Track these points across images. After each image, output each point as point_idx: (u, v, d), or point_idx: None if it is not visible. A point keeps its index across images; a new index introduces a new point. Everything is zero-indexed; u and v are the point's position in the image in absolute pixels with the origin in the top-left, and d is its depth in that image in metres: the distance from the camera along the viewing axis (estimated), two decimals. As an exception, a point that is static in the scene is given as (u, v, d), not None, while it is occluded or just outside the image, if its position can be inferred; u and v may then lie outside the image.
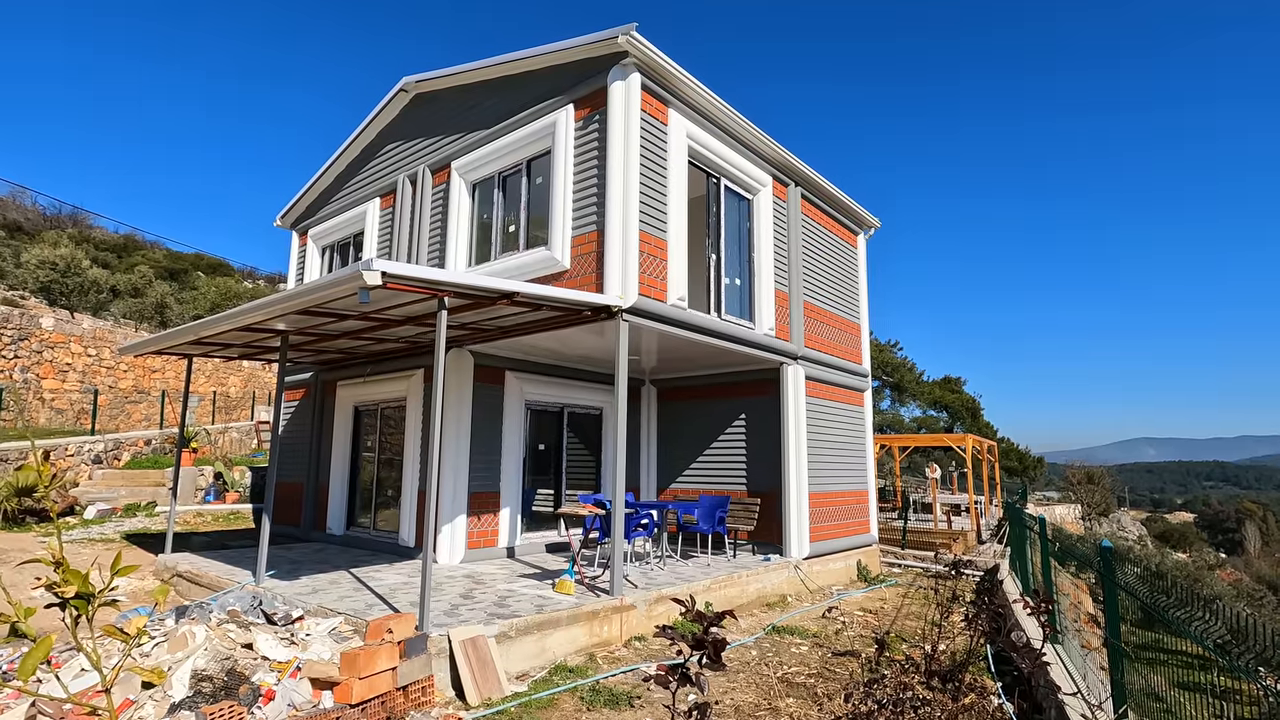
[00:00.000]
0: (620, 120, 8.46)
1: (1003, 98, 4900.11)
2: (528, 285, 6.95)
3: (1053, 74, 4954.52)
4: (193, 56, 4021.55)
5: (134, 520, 14.73)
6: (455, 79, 10.93)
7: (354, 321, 7.88)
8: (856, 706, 5.88)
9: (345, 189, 13.23)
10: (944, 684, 6.72)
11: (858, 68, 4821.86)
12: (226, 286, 35.38)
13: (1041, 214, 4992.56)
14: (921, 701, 6.11)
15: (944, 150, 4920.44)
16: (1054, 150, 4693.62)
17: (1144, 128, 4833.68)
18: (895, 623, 9.22)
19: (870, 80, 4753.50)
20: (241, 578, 8.55)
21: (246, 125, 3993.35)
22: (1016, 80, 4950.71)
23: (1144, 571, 5.40)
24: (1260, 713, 3.08)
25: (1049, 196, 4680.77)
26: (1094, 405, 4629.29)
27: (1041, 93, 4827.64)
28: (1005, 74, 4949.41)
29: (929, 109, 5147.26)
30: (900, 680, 6.46)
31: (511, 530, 10.47)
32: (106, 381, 22.73)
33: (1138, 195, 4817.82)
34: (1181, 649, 3.98)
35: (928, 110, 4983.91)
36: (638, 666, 6.59)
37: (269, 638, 5.37)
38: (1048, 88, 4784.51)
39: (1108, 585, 4.85)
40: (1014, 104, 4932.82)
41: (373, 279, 5.54)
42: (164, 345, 9.27)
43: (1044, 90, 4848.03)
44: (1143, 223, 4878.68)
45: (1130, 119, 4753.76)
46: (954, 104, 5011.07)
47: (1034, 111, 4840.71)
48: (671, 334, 8.90)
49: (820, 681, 6.49)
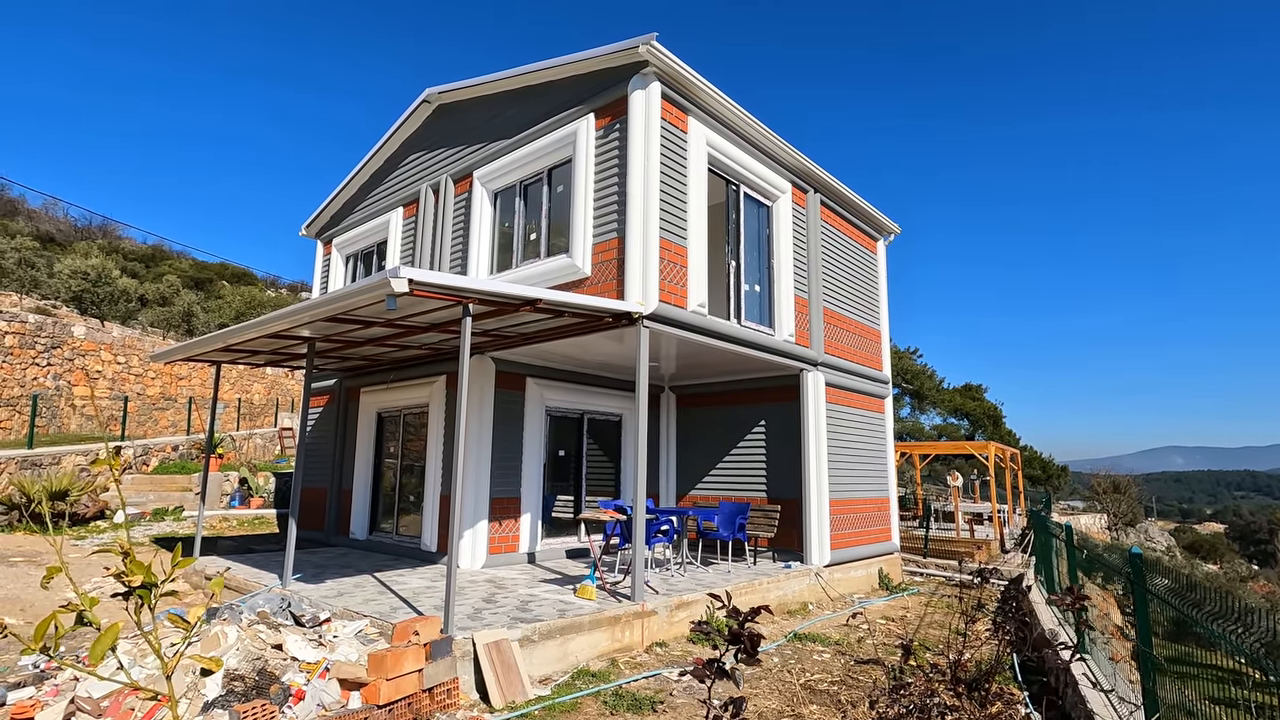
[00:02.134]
0: (640, 129, 8.53)
1: (1018, 99, 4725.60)
2: (549, 292, 7.03)
3: (1074, 76, 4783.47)
4: (222, 60, 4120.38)
5: (162, 524, 14.99)
6: (477, 89, 11.09)
7: (379, 328, 8.01)
8: (883, 713, 5.84)
9: (369, 199, 13.45)
10: (969, 692, 6.64)
11: (865, 71, 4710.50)
12: (251, 295, 36.00)
13: (1060, 218, 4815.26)
14: (948, 709, 6.05)
15: (958, 154, 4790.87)
16: (1071, 152, 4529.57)
17: (1171, 128, 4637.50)
18: (919, 631, 9.13)
19: (878, 85, 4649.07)
20: (268, 581, 8.69)
21: (270, 130, 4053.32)
22: (1037, 80, 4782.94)
23: (1175, 582, 5.32)
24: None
25: (1067, 201, 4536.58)
26: (1120, 413, 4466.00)
27: (1060, 93, 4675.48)
28: (1023, 75, 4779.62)
29: (940, 111, 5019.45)
30: (926, 687, 6.40)
31: (532, 536, 10.53)
32: (135, 389, 23.21)
33: (1169, 199, 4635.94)
34: (1214, 662, 3.90)
35: (938, 112, 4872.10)
36: (660, 672, 6.59)
37: (298, 639, 5.46)
38: (1067, 88, 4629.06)
39: (1138, 593, 4.79)
40: (1031, 104, 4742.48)
41: (400, 286, 5.65)
42: (194, 352, 9.47)
43: (1063, 90, 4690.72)
44: (1172, 227, 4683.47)
45: (1154, 119, 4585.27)
46: (967, 106, 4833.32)
47: (1054, 111, 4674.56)
48: (691, 340, 8.93)
49: (844, 689, 6.45)
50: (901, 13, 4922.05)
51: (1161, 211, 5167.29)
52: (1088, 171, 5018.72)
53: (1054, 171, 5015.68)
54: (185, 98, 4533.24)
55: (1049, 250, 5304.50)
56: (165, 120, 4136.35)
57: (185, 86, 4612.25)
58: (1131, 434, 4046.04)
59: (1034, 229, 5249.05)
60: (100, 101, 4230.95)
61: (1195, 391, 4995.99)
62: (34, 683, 5.73)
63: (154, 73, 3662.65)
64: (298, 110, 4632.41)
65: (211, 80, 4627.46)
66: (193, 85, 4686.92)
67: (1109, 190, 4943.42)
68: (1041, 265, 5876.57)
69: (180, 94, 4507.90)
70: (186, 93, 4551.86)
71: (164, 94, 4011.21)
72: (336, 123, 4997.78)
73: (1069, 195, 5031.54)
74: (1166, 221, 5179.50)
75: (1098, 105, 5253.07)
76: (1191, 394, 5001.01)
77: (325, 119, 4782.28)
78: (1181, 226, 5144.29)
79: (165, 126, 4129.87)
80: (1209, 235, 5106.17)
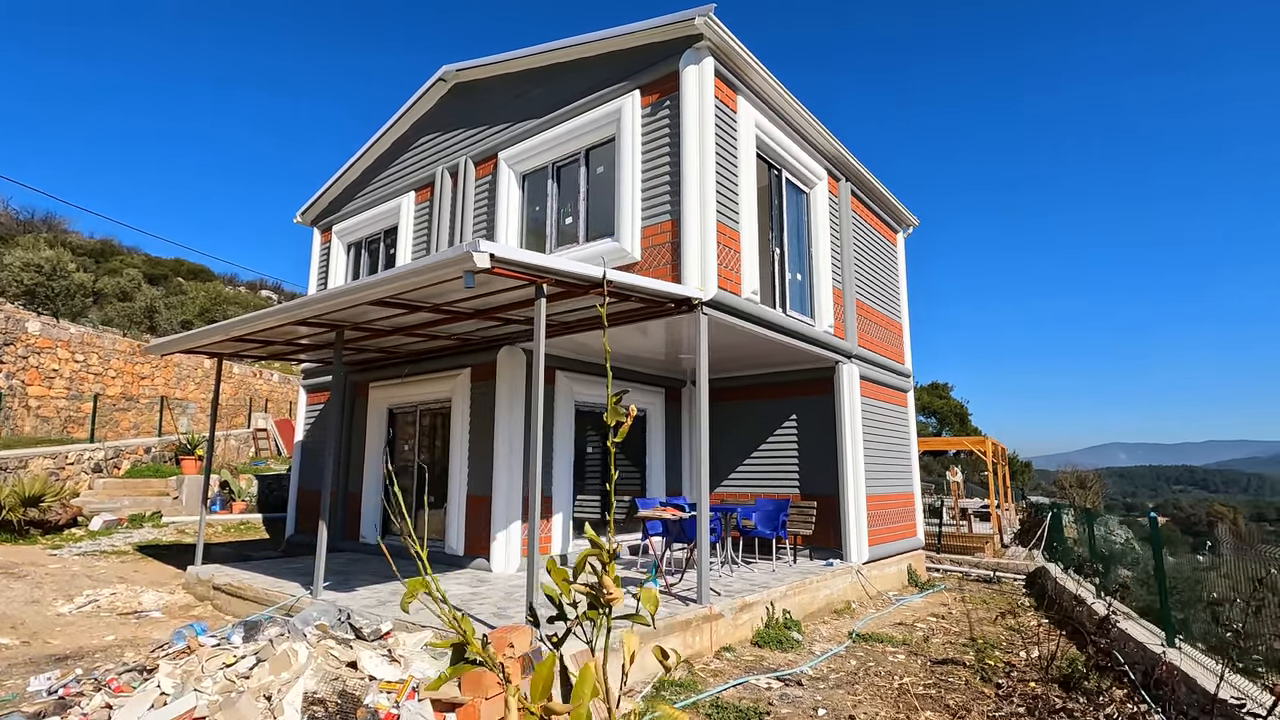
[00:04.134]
0: (694, 106, 8.10)
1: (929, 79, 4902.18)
2: (622, 274, 6.56)
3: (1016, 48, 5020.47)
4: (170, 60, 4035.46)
5: (141, 531, 13.95)
6: (500, 67, 10.51)
7: (425, 314, 7.39)
8: (992, 715, 5.53)
9: (374, 184, 12.69)
10: (1066, 692, 6.40)
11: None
12: (216, 291, 34.40)
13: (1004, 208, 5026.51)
14: (1059, 710, 5.78)
15: (897, 137, 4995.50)
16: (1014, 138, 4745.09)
17: (1110, 101, 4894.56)
18: (973, 629, 8.91)
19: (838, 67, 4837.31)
20: (290, 589, 7.99)
21: (218, 130, 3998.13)
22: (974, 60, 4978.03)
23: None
24: None
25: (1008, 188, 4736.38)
26: (1069, 411, 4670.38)
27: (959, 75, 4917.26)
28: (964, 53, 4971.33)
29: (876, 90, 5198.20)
30: (1032, 691, 6.12)
31: (564, 537, 9.99)
32: (94, 388, 21.73)
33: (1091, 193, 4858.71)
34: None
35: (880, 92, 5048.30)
36: (746, 679, 6.17)
37: (372, 655, 4.87)
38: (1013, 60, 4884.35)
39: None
40: (968, 84, 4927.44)
41: (482, 261, 5.11)
42: (201, 343, 8.69)
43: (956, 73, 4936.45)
44: (1106, 238, 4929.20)
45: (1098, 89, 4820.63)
46: (898, 91, 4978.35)
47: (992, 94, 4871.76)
48: (743, 329, 8.52)
49: (942, 692, 6.12)
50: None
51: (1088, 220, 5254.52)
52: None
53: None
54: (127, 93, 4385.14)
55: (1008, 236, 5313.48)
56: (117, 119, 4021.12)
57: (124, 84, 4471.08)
58: (1080, 431, 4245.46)
59: (1000, 214, 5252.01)
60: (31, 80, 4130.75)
61: (1139, 389, 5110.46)
62: (56, 712, 5.02)
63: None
64: (248, 103, 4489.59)
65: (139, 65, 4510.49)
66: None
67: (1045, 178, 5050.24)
68: (993, 255, 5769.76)
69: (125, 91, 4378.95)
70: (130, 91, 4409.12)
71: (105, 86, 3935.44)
72: (288, 115, 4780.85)
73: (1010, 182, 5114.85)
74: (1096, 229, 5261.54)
75: (1041, 80, 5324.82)
76: (1135, 392, 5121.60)
77: (276, 113, 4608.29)
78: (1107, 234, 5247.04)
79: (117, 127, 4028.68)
80: (1132, 250, 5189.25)
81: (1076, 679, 6.35)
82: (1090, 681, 6.32)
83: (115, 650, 6.87)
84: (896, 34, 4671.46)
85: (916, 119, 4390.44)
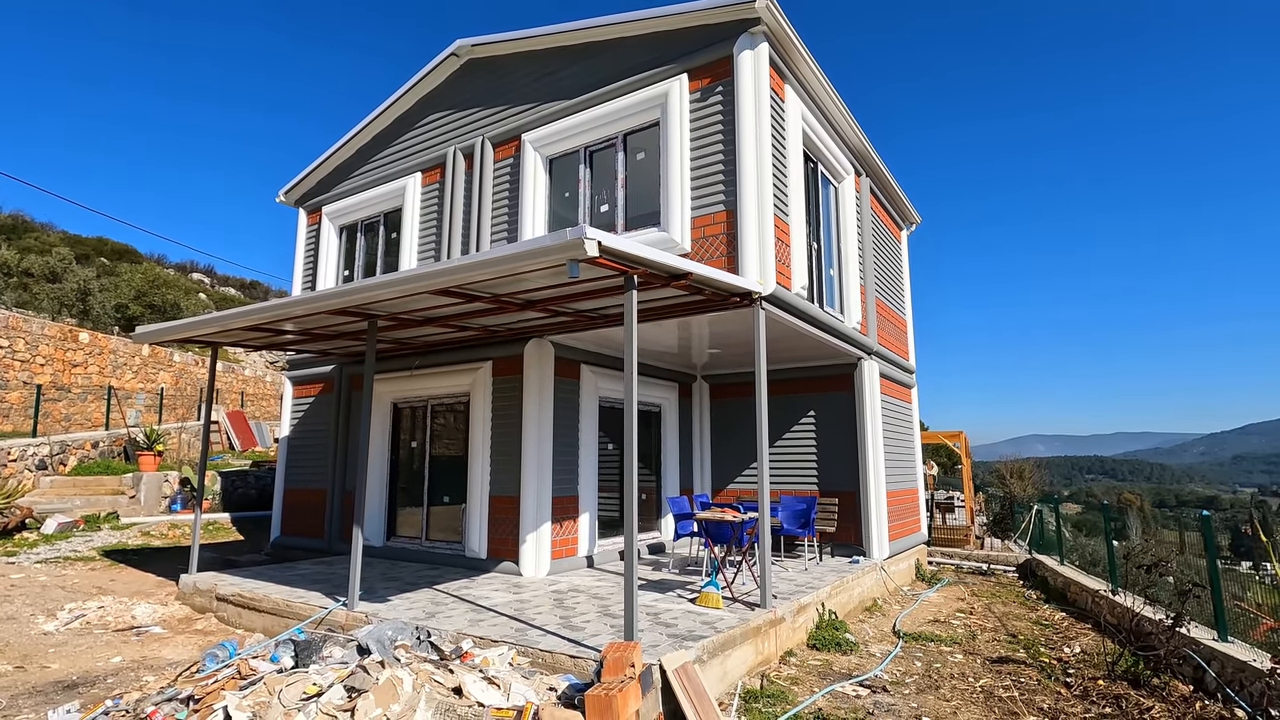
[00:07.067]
0: (750, 93, 7.81)
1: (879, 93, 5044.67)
2: (701, 266, 6.23)
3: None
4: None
5: (101, 534, 12.80)
6: (522, 44, 9.96)
7: (478, 304, 6.87)
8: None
9: (372, 162, 11.90)
10: (1134, 689, 6.49)
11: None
12: (153, 273, 32.04)
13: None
14: (1144, 709, 5.83)
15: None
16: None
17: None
18: (1005, 624, 9.02)
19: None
20: (315, 600, 7.38)
21: (131, 96, 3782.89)
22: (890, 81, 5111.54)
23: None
24: None
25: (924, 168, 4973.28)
26: (991, 404, 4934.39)
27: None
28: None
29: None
30: (1105, 689, 6.17)
31: (591, 538, 9.61)
32: (20, 377, 19.90)
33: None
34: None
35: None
36: (834, 687, 5.99)
37: (475, 679, 4.44)
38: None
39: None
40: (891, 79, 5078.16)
41: (591, 249, 4.70)
42: (203, 331, 7.88)
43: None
44: (1007, 234, 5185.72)
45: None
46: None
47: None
48: (791, 325, 8.32)
49: (1025, 694, 6.09)
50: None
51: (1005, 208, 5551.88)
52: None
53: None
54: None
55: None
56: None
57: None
58: (1001, 423, 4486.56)
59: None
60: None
61: (1053, 383, 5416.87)
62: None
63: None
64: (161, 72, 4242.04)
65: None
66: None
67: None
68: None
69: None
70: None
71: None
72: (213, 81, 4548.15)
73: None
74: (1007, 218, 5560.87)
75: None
76: (1049, 386, 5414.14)
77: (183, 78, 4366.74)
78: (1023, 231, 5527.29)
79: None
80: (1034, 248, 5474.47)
81: (1146, 677, 6.45)
82: (1159, 679, 6.42)
83: (128, 674, 6.15)
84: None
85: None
